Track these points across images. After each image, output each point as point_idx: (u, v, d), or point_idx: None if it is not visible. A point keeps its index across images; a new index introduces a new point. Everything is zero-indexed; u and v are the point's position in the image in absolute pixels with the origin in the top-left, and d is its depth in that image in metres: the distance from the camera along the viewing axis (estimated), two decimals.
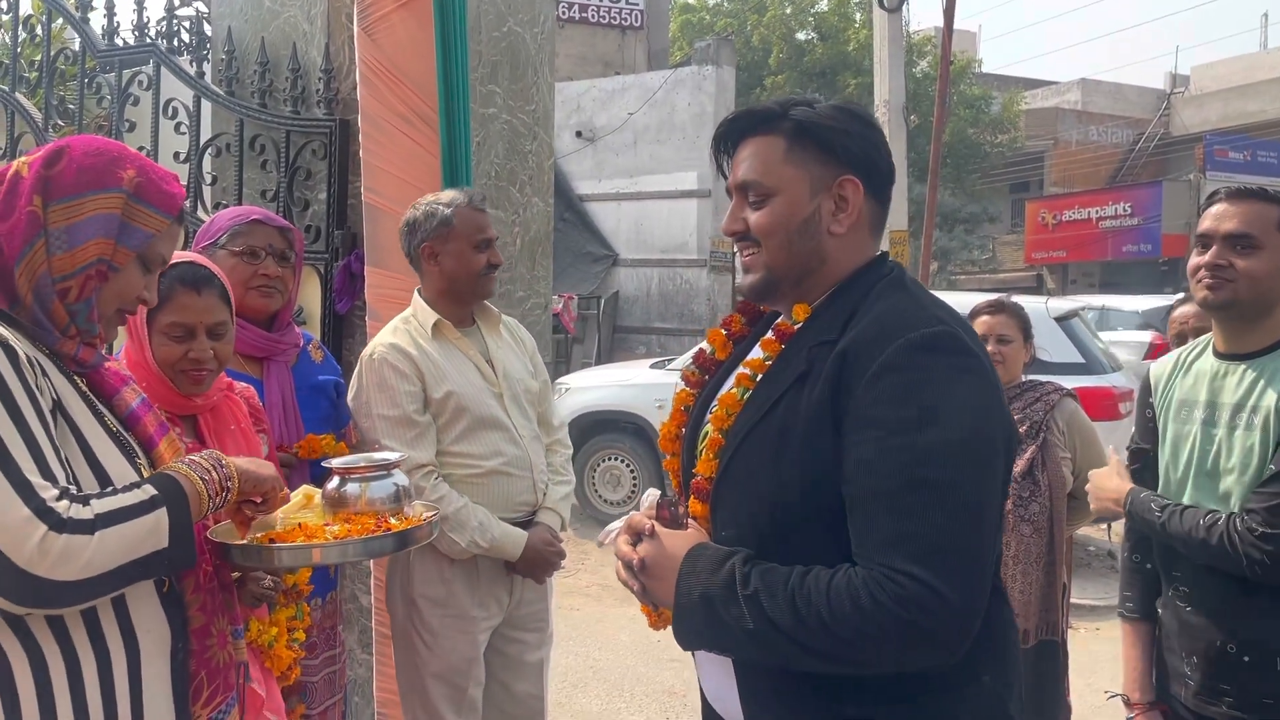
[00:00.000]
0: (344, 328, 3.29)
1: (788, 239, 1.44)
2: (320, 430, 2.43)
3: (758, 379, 1.45)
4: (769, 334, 1.49)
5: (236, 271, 2.34)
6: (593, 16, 18.87)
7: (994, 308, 3.27)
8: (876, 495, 1.27)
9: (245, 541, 1.60)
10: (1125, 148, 26.40)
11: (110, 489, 1.36)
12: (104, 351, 1.56)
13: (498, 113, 3.48)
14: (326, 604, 2.49)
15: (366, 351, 2.59)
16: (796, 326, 1.46)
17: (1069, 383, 3.60)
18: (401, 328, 2.62)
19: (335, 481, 1.69)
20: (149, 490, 1.37)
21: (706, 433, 1.49)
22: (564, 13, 18.40)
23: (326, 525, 1.67)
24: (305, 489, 1.73)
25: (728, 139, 1.51)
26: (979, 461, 1.29)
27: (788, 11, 24.25)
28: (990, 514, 1.30)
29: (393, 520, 1.68)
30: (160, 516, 1.35)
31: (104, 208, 1.42)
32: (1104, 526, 6.89)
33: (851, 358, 1.32)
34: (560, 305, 13.27)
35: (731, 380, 1.50)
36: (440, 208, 2.62)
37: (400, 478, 1.75)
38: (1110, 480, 2.30)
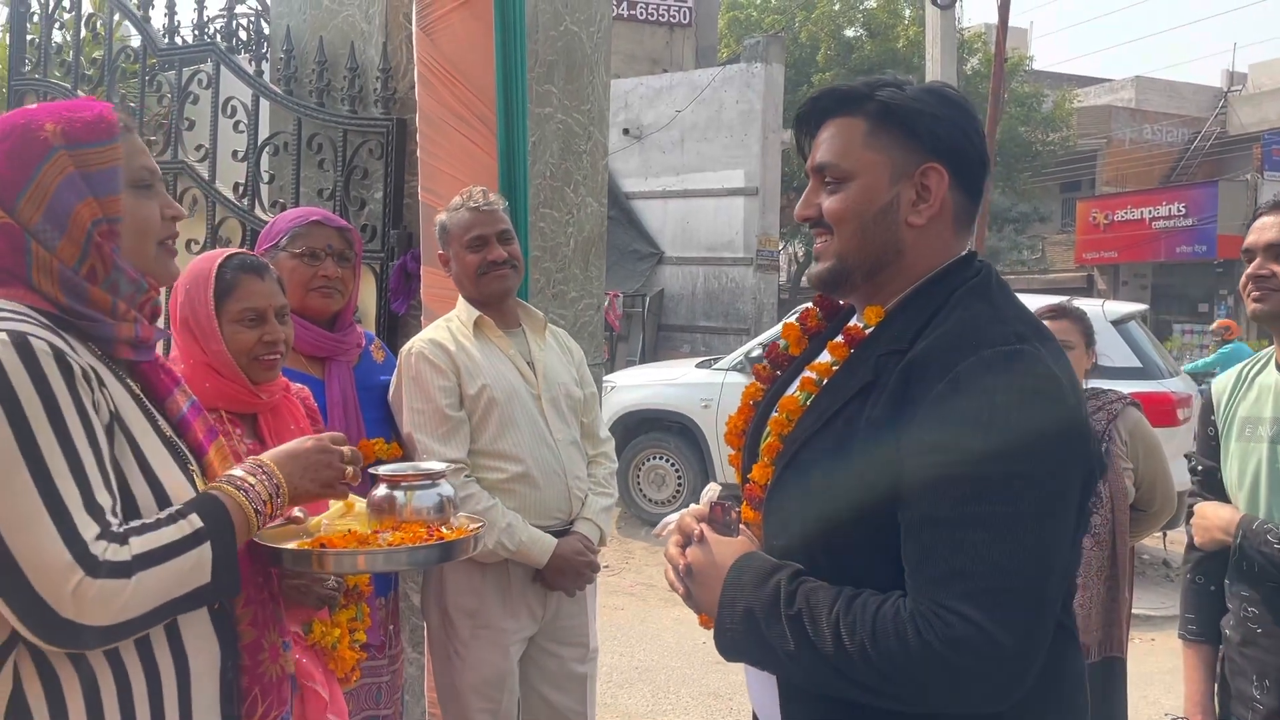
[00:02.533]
0: (400, 327, 3.30)
1: (861, 227, 1.34)
2: (380, 429, 2.43)
3: (822, 384, 1.38)
4: (838, 337, 1.41)
5: (297, 273, 2.36)
6: (641, 14, 18.84)
7: (1055, 313, 3.21)
8: (932, 525, 1.19)
9: (295, 547, 1.56)
10: (1180, 147, 25.87)
11: (154, 519, 1.31)
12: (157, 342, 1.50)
13: (553, 112, 3.47)
14: (390, 601, 2.49)
15: (406, 347, 2.58)
16: (867, 331, 1.37)
17: (1126, 388, 3.52)
18: (444, 325, 2.62)
19: (382, 489, 1.67)
20: (194, 521, 1.32)
21: (767, 435, 1.41)
22: (612, 10, 18.35)
23: (378, 533, 1.65)
24: (350, 497, 1.70)
25: (810, 119, 1.42)
26: (1048, 495, 1.18)
27: (836, 8, 24.04)
28: (1058, 553, 1.20)
29: (444, 530, 1.66)
30: (203, 551, 1.30)
31: (58, 174, 1.32)
32: (1159, 534, 6.75)
33: (918, 372, 1.23)
34: (606, 303, 13.25)
35: (796, 383, 1.43)
36: (443, 215, 2.66)
37: (445, 488, 1.72)
38: (1221, 510, 2.17)
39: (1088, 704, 1.38)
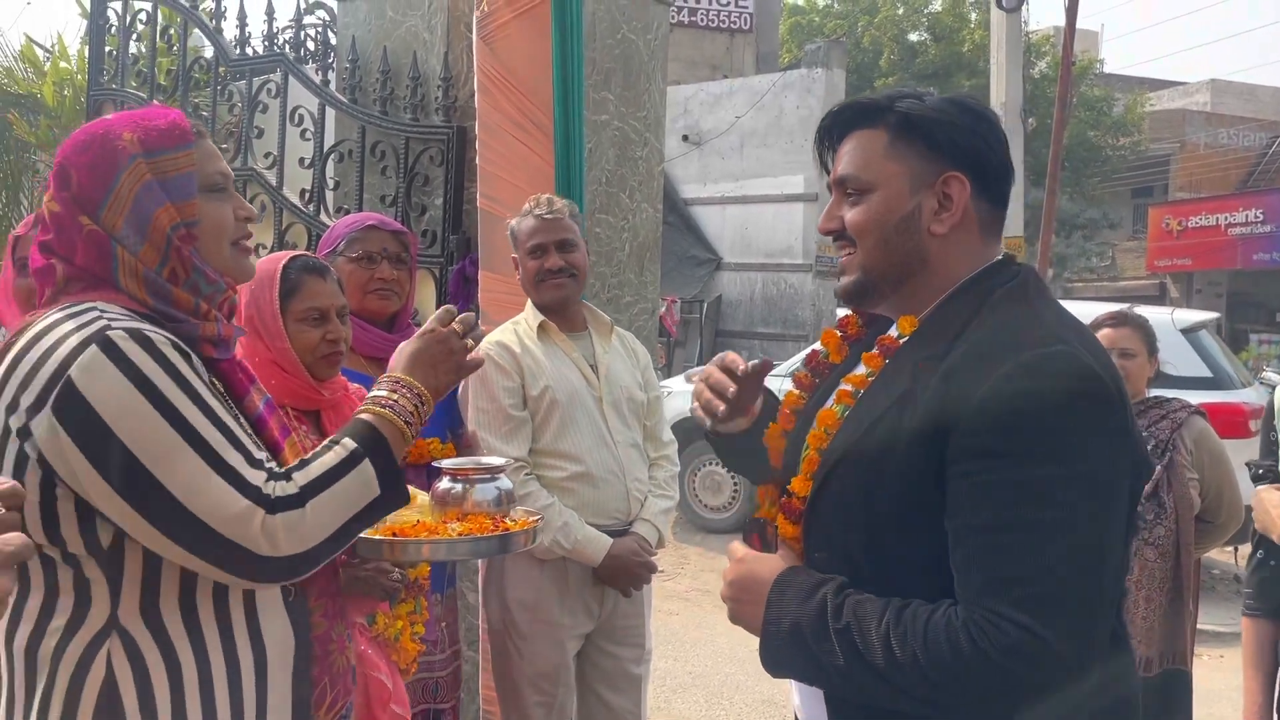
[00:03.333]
0: None
1: (884, 238, 1.34)
2: (435, 430, 2.48)
3: (859, 396, 1.37)
4: (874, 348, 1.41)
5: (355, 276, 2.42)
6: (701, 20, 18.84)
7: (1116, 320, 3.16)
8: (981, 533, 1.17)
9: (367, 535, 1.60)
10: (1258, 151, 25.10)
11: (310, 455, 1.38)
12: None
13: (610, 119, 3.51)
14: (447, 598, 2.55)
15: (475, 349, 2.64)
16: (901, 341, 1.37)
17: (1196, 399, 3.44)
18: (510, 327, 2.69)
19: (445, 482, 1.72)
20: (348, 445, 1.37)
21: (806, 449, 1.40)
22: (672, 16, 18.33)
23: (447, 524, 1.69)
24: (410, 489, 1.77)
25: (831, 133, 1.42)
26: (1098, 497, 1.17)
27: (900, 13, 23.82)
28: (1111, 555, 1.19)
29: (508, 522, 1.70)
30: (364, 469, 1.36)
31: (136, 182, 1.37)
32: (1230, 549, 6.56)
33: (957, 380, 1.22)
34: (663, 308, 13.30)
35: (833, 397, 1.43)
36: (514, 220, 2.72)
37: (505, 482, 1.77)
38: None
39: (1139, 710, 1.36)
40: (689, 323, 14.66)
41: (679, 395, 8.52)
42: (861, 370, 1.40)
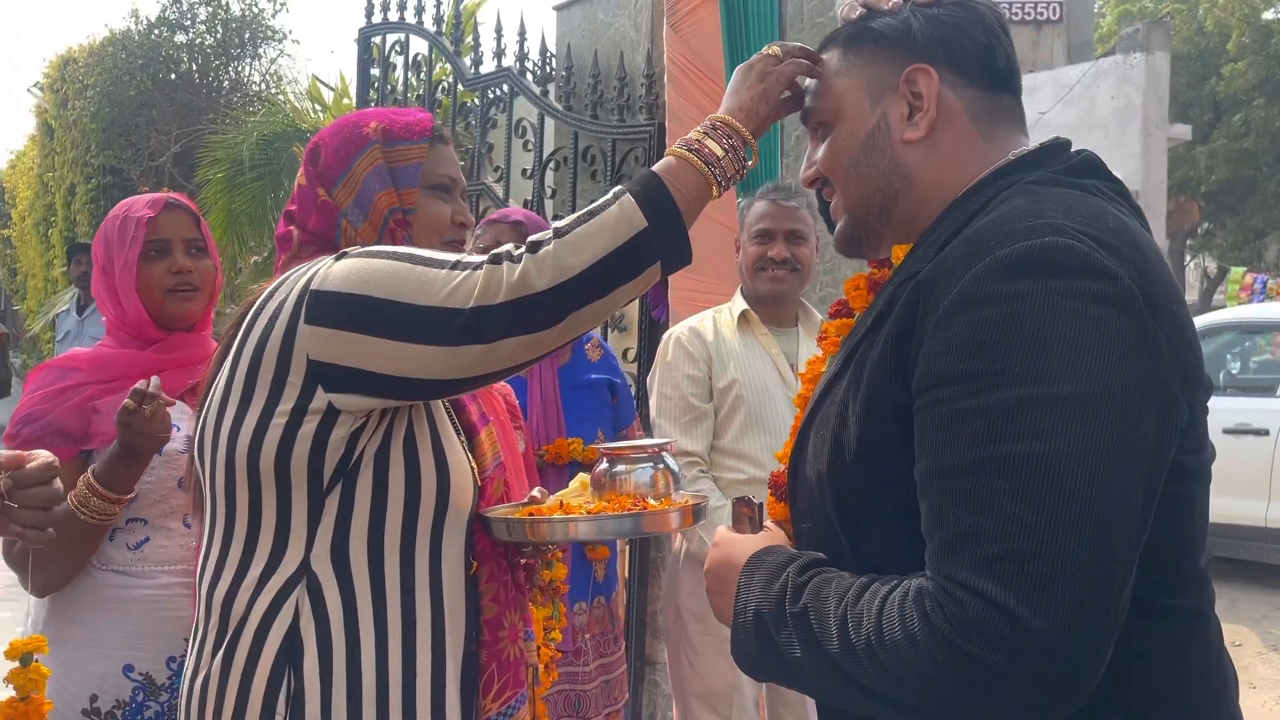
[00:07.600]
0: (659, 334, 3.26)
1: (854, 165, 1.12)
2: (583, 429, 2.41)
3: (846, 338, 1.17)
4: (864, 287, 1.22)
5: None
6: (1005, 14, 17.71)
7: None
8: (943, 478, 0.91)
9: (504, 516, 1.53)
10: None
11: None
12: None
13: None
14: (594, 608, 2.45)
15: (668, 332, 2.59)
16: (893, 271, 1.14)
17: None
18: (710, 314, 2.58)
19: (603, 464, 1.64)
20: (614, 190, 1.28)
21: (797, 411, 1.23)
22: None
23: (585, 504, 1.60)
24: (581, 476, 1.71)
25: None
26: (1100, 426, 0.87)
27: None
28: (1124, 499, 0.87)
29: (652, 502, 1.58)
30: (625, 202, 1.24)
31: (369, 165, 1.46)
32: None
33: (926, 291, 0.96)
34: None
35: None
36: (747, 199, 2.61)
37: (665, 462, 1.65)
38: None
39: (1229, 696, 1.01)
40: None
41: None
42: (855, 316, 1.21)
